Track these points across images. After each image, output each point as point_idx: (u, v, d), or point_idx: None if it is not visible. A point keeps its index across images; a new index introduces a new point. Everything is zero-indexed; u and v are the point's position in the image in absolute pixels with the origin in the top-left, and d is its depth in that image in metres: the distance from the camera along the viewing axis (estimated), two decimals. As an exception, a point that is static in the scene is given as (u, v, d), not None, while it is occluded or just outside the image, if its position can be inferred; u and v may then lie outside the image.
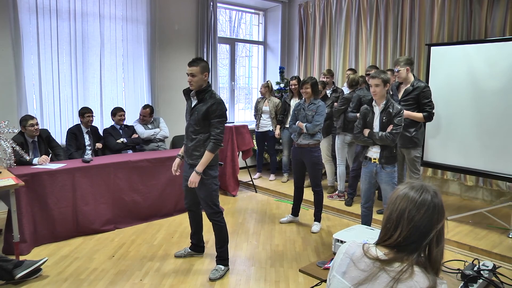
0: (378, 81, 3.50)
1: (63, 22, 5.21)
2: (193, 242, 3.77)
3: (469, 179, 5.37)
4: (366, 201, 3.80)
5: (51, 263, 3.52)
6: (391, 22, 6.01)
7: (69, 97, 5.36)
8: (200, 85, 3.21)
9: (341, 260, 1.37)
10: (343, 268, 1.34)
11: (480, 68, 4.34)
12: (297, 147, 4.39)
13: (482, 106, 4.36)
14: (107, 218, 4.33)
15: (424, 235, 1.27)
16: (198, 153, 3.26)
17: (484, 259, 2.75)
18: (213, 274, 3.33)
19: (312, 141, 4.28)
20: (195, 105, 3.25)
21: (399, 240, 1.28)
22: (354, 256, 1.34)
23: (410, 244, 1.28)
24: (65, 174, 4.04)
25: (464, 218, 4.60)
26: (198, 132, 3.24)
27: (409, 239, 1.28)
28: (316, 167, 4.35)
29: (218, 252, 3.44)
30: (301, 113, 4.36)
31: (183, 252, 3.75)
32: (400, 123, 3.51)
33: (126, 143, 5.24)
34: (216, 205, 3.36)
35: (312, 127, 4.22)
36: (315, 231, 4.41)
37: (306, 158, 4.33)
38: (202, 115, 3.18)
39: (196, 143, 3.26)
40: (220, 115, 3.19)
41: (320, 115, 4.25)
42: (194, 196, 3.45)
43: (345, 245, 1.40)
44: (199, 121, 3.20)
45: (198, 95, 3.23)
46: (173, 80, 6.31)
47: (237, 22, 7.82)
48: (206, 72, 3.22)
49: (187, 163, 3.38)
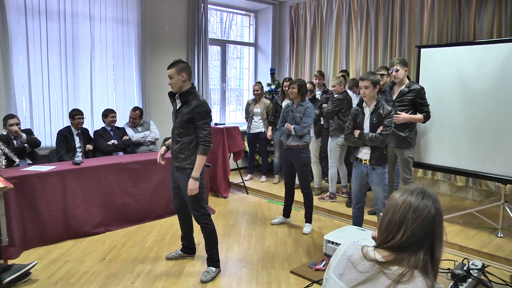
0: (367, 83, 3.53)
1: (53, 23, 5.17)
2: (184, 244, 3.75)
3: (459, 179, 5.42)
4: (357, 202, 3.81)
5: (40, 266, 3.48)
6: (382, 24, 6.06)
7: (59, 98, 5.32)
8: (180, 87, 3.20)
9: (338, 261, 1.36)
10: (340, 270, 1.34)
11: (469, 70, 4.39)
12: (286, 149, 4.39)
13: (470, 107, 4.40)
14: (98, 221, 4.30)
15: (427, 235, 1.28)
16: (183, 156, 3.25)
17: (473, 259, 2.77)
18: (204, 276, 3.32)
19: (301, 143, 4.28)
20: (179, 108, 3.24)
21: (403, 240, 1.28)
22: (352, 258, 1.33)
23: (413, 244, 1.28)
24: (55, 177, 4.00)
25: (454, 218, 4.64)
26: (182, 134, 3.23)
27: (412, 239, 1.28)
28: (305, 168, 4.36)
29: (209, 254, 3.42)
30: (289, 114, 4.37)
31: (174, 254, 3.73)
32: (390, 124, 3.53)
33: (117, 144, 5.21)
34: (203, 208, 3.34)
35: (300, 129, 4.23)
36: (306, 232, 4.42)
37: (295, 159, 4.34)
38: (186, 118, 3.16)
39: (181, 146, 3.25)
40: (204, 117, 3.16)
41: (308, 117, 4.26)
42: (182, 198, 3.44)
43: (343, 245, 1.39)
44: (184, 124, 3.19)
45: (181, 97, 3.22)
46: (163, 81, 6.24)
47: (228, 23, 7.82)
48: (183, 73, 3.18)
49: (173, 165, 3.38)
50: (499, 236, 4.18)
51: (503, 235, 4.19)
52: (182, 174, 3.27)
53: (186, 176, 3.22)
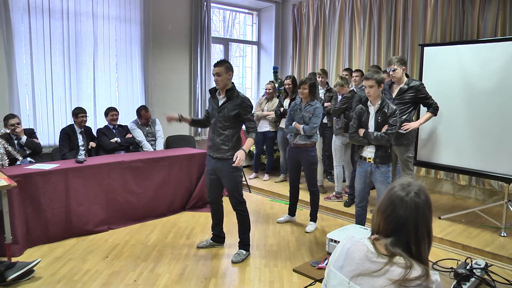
0: (372, 82, 3.52)
1: (56, 21, 5.18)
2: (214, 233, 3.97)
3: (462, 178, 5.40)
4: (360, 201, 3.81)
5: (44, 264, 3.49)
6: (384, 22, 6.03)
7: (62, 97, 5.33)
8: (225, 84, 3.50)
9: (338, 254, 1.40)
10: (340, 263, 1.38)
11: (472, 68, 4.37)
12: (293, 147, 4.39)
13: (474, 106, 4.39)
14: (100, 219, 4.30)
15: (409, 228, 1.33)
16: (226, 147, 3.54)
17: (476, 258, 2.77)
18: (235, 257, 3.64)
19: (309, 142, 4.28)
20: (223, 103, 3.52)
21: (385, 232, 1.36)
22: (350, 250, 1.37)
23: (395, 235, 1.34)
24: (58, 175, 4.01)
25: (457, 217, 4.62)
26: (226, 127, 3.53)
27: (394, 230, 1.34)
28: (312, 166, 4.36)
29: (241, 238, 3.73)
30: (297, 113, 4.35)
31: (205, 243, 3.95)
32: (395, 123, 3.53)
33: (120, 142, 5.21)
34: (241, 195, 3.66)
35: (309, 129, 4.21)
36: (309, 230, 4.41)
37: (302, 158, 4.33)
38: (233, 113, 3.48)
39: (224, 138, 3.54)
40: (250, 110, 3.56)
41: (317, 117, 4.24)
42: (217, 190, 3.76)
43: (342, 241, 1.44)
44: (229, 118, 3.49)
45: (227, 93, 3.53)
46: (166, 80, 6.30)
47: (231, 22, 7.81)
48: (231, 72, 3.52)
49: (213, 157, 3.62)
50: (502, 235, 4.16)
51: (506, 234, 4.17)
52: (224, 164, 3.54)
53: (228, 167, 3.50)
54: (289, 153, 4.48)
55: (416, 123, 4.35)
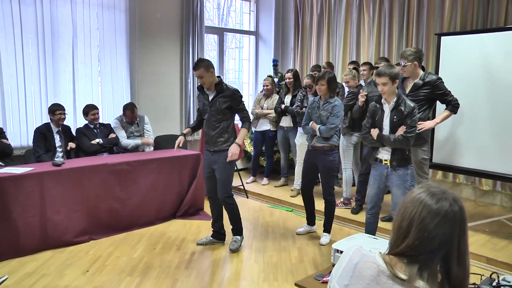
0: (385, 79, 3.43)
1: (27, 7, 5.04)
2: (214, 230, 4.24)
3: (484, 183, 5.33)
4: (372, 207, 3.73)
5: (12, 282, 3.40)
6: (397, 9, 5.98)
7: (36, 92, 5.25)
8: (212, 81, 3.88)
9: (343, 270, 1.33)
10: (345, 280, 1.30)
11: (497, 60, 4.30)
12: (310, 150, 4.32)
13: (498, 102, 4.32)
14: (80, 228, 4.25)
15: (437, 247, 1.21)
16: (223, 139, 3.93)
17: (504, 273, 2.66)
18: (232, 245, 4.05)
19: (327, 144, 4.18)
20: (214, 97, 3.89)
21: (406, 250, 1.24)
22: (358, 267, 1.29)
23: (419, 255, 1.22)
24: (32, 179, 3.94)
25: (479, 226, 4.54)
26: (221, 120, 3.91)
27: (417, 250, 1.22)
28: (330, 173, 4.27)
29: (234, 225, 4.12)
30: (315, 112, 4.27)
31: (205, 240, 4.22)
32: (414, 124, 3.45)
33: (102, 144, 5.13)
34: (230, 189, 4.03)
35: (326, 130, 4.12)
36: (323, 243, 4.33)
37: (319, 162, 4.25)
38: (225, 106, 3.86)
39: (220, 131, 3.92)
40: (241, 101, 3.95)
41: (336, 117, 4.14)
42: (214, 184, 4.06)
43: (349, 251, 1.35)
44: (222, 111, 3.88)
45: (216, 87, 3.89)
46: (155, 74, 6.23)
47: (226, 9, 7.75)
48: (211, 69, 3.85)
49: (210, 151, 4.00)
50: (531, 247, 4.08)
51: (536, 246, 4.09)
52: (220, 156, 3.92)
53: (223, 158, 3.88)
54: (306, 156, 4.42)
55: (432, 122, 4.27)
